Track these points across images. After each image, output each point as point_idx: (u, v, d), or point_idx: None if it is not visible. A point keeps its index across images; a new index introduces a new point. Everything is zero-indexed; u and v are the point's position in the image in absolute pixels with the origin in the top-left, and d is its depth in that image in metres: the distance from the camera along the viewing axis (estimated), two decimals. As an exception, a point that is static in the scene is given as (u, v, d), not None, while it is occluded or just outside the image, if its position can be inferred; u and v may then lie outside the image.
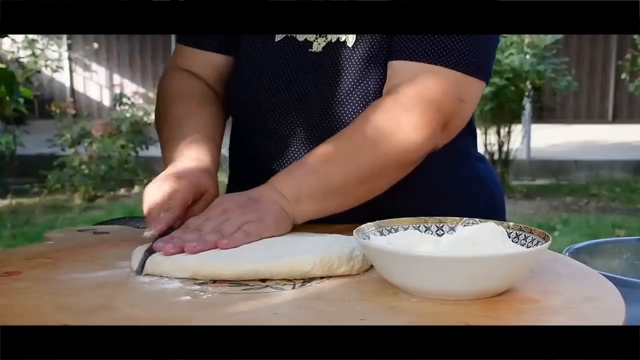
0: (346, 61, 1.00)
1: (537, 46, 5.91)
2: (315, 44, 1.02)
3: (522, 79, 5.79)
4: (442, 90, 0.94)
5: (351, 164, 0.91)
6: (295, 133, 1.04)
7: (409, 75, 0.94)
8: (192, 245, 0.79)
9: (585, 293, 0.70)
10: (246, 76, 1.07)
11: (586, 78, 10.05)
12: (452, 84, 0.94)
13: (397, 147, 0.92)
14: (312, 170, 0.91)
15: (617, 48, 9.82)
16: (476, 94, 0.99)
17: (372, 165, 0.92)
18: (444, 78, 0.94)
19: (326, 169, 0.91)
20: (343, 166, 0.91)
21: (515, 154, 6.17)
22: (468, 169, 1.12)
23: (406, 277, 0.69)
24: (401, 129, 0.92)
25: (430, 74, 0.94)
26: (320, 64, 1.01)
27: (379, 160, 0.92)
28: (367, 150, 0.92)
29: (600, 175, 6.57)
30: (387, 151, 0.92)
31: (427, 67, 0.94)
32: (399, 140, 0.92)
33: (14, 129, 6.67)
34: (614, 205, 5.45)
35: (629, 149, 7.53)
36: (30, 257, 0.86)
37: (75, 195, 5.91)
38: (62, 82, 11.12)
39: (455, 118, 0.96)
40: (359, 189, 0.93)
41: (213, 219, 0.84)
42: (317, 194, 0.90)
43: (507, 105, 5.83)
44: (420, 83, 0.93)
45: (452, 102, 0.95)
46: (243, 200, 0.87)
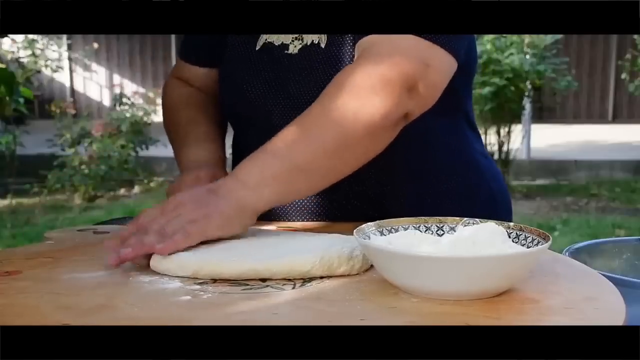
0: (321, 62, 1.02)
1: (537, 46, 5.91)
2: (292, 47, 1.05)
3: (522, 79, 5.79)
4: (402, 52, 0.90)
5: (315, 138, 0.87)
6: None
7: (367, 45, 0.92)
8: (127, 251, 0.79)
9: (585, 293, 0.70)
10: (235, 85, 1.11)
11: (586, 78, 10.06)
12: (414, 48, 0.90)
13: (361, 114, 0.87)
14: (275, 152, 0.87)
15: (617, 48, 9.82)
16: (444, 63, 0.93)
17: (337, 137, 0.87)
18: (405, 44, 0.90)
19: (290, 148, 0.87)
20: (307, 143, 0.87)
21: (515, 154, 6.17)
22: (467, 157, 1.12)
23: (406, 277, 0.69)
24: (362, 95, 0.88)
25: (388, 42, 0.91)
26: (297, 65, 1.04)
27: (344, 130, 0.87)
28: (330, 123, 0.88)
29: (600, 175, 6.57)
30: (351, 120, 0.87)
31: (385, 36, 0.91)
32: (362, 107, 0.87)
33: (14, 129, 6.67)
34: (614, 205, 5.45)
35: (629, 149, 7.54)
36: (30, 256, 0.87)
37: (75, 195, 5.91)
38: (62, 82, 11.13)
39: (421, 82, 0.90)
40: (328, 165, 0.89)
41: (164, 215, 0.83)
42: (281, 176, 0.86)
43: (507, 105, 5.83)
44: (379, 51, 0.91)
45: (414, 65, 0.89)
46: (199, 194, 0.86)
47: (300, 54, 1.04)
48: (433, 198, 1.06)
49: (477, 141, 1.16)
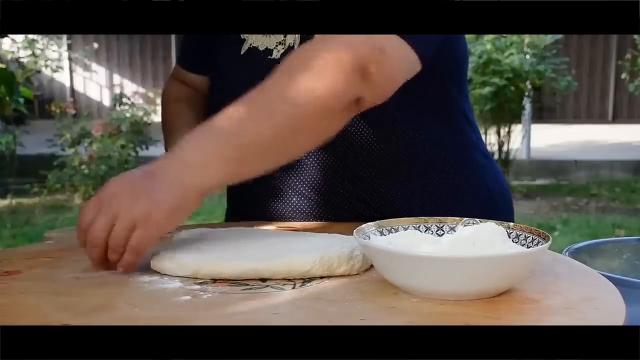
0: None
1: (537, 46, 5.91)
2: (275, 52, 1.05)
3: (522, 79, 5.79)
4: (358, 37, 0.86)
5: (265, 117, 0.83)
6: None
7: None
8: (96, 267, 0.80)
9: (585, 293, 0.70)
10: (220, 89, 1.12)
11: (586, 78, 10.06)
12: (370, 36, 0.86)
13: (312, 94, 0.84)
14: (222, 130, 0.83)
15: (617, 48, 9.82)
16: (401, 54, 0.89)
17: (288, 116, 0.84)
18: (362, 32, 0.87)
19: (238, 126, 0.83)
20: (256, 121, 0.83)
21: (515, 154, 6.17)
22: (466, 157, 1.11)
23: (406, 277, 0.69)
24: (314, 75, 0.84)
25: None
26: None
27: (295, 109, 0.84)
28: (280, 101, 0.84)
29: (600, 175, 6.57)
30: (302, 100, 0.83)
31: None
32: (312, 86, 0.84)
33: (14, 129, 6.67)
34: (614, 205, 5.45)
35: (629, 149, 7.54)
36: (30, 256, 0.87)
37: (75, 195, 5.91)
38: (62, 82, 11.13)
39: (374, 66, 0.86)
40: (279, 145, 0.85)
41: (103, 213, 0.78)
42: (229, 155, 0.82)
43: (507, 105, 5.83)
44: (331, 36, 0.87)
45: (368, 48, 0.86)
46: (135, 179, 0.81)
47: (282, 58, 1.02)
48: (431, 198, 1.06)
49: (478, 141, 1.16)
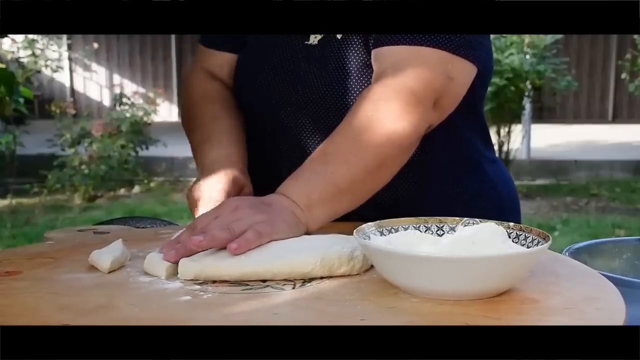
0: (339, 52, 1.02)
1: (537, 46, 5.91)
2: (312, 37, 1.05)
3: (522, 79, 5.79)
4: (428, 69, 0.93)
5: (354, 159, 0.90)
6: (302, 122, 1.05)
7: (394, 59, 0.94)
8: (199, 239, 0.76)
9: (586, 293, 0.70)
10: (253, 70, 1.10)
11: (586, 78, 10.06)
12: (438, 62, 0.93)
13: (397, 135, 0.91)
14: (318, 173, 0.89)
15: (617, 48, 9.82)
16: (465, 73, 0.97)
17: (376, 156, 0.91)
18: (429, 58, 0.93)
19: (331, 169, 0.89)
20: (347, 163, 0.89)
21: (515, 154, 6.17)
22: (478, 176, 1.11)
23: (406, 277, 0.69)
24: (396, 114, 0.90)
25: (415, 56, 0.93)
26: (315, 54, 1.04)
27: (382, 149, 0.91)
28: (366, 142, 0.90)
29: (600, 175, 6.57)
30: (387, 138, 0.90)
31: (410, 49, 0.94)
32: (396, 127, 0.90)
33: (14, 129, 6.67)
34: (614, 205, 5.45)
35: (629, 149, 7.53)
36: (30, 256, 0.86)
37: (75, 195, 5.91)
38: (62, 82, 11.13)
39: (445, 96, 0.95)
40: (367, 183, 0.92)
41: (222, 217, 0.81)
42: (327, 197, 0.88)
43: (507, 105, 5.83)
44: (406, 66, 0.93)
45: (440, 80, 0.93)
46: (254, 201, 0.86)
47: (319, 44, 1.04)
48: (436, 204, 1.06)
49: (486, 147, 1.16)
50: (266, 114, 1.09)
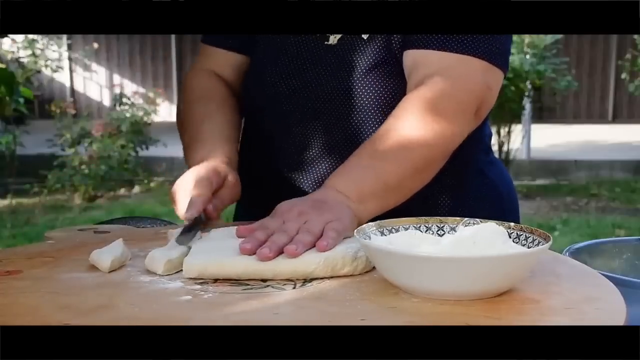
0: (360, 52, 1.02)
1: (537, 46, 5.91)
2: (332, 37, 1.04)
3: (522, 79, 5.79)
4: (474, 79, 0.97)
5: (404, 158, 0.92)
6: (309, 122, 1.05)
7: (442, 65, 0.97)
8: (293, 248, 0.76)
9: (586, 293, 0.70)
10: (262, 69, 1.09)
11: (586, 78, 10.05)
12: (481, 73, 0.97)
13: (443, 137, 0.94)
14: (368, 168, 0.91)
15: (617, 48, 9.82)
16: (499, 82, 1.02)
17: (423, 157, 0.94)
18: (476, 68, 0.97)
19: (381, 166, 0.91)
20: (397, 162, 0.92)
21: (515, 154, 6.17)
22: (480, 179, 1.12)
23: (407, 277, 0.69)
24: (445, 119, 0.94)
25: (463, 63, 0.97)
26: (335, 54, 1.03)
27: (430, 151, 0.94)
28: (416, 144, 0.93)
29: (600, 175, 6.57)
30: (435, 143, 0.94)
31: (459, 57, 0.96)
32: (443, 131, 0.94)
33: (14, 129, 6.67)
34: (614, 205, 5.45)
35: (629, 149, 7.53)
36: (30, 256, 0.86)
37: (75, 195, 5.91)
38: (62, 82, 11.13)
39: (484, 105, 0.99)
40: (413, 182, 0.95)
41: (292, 221, 0.81)
42: (378, 192, 0.90)
43: (507, 105, 5.83)
44: (456, 75, 0.96)
45: (482, 90, 0.98)
46: (312, 203, 0.85)
47: (339, 43, 1.03)
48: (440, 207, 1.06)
49: (488, 150, 1.17)
50: (273, 114, 1.08)
